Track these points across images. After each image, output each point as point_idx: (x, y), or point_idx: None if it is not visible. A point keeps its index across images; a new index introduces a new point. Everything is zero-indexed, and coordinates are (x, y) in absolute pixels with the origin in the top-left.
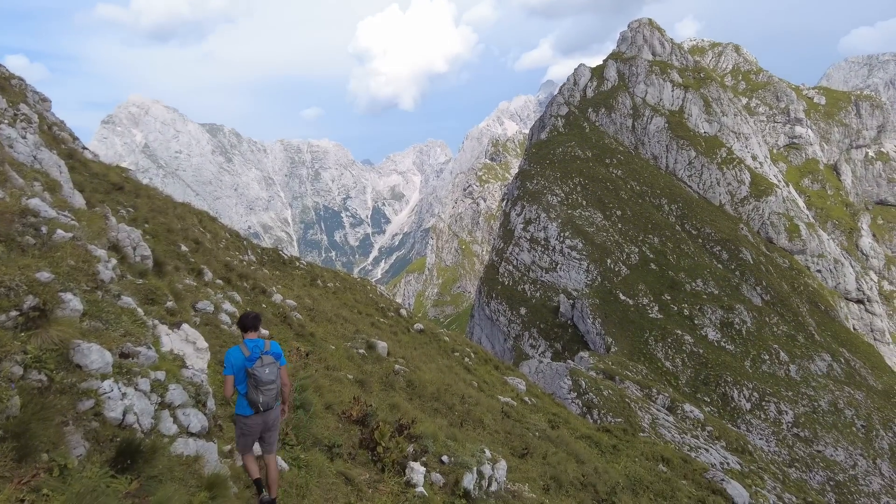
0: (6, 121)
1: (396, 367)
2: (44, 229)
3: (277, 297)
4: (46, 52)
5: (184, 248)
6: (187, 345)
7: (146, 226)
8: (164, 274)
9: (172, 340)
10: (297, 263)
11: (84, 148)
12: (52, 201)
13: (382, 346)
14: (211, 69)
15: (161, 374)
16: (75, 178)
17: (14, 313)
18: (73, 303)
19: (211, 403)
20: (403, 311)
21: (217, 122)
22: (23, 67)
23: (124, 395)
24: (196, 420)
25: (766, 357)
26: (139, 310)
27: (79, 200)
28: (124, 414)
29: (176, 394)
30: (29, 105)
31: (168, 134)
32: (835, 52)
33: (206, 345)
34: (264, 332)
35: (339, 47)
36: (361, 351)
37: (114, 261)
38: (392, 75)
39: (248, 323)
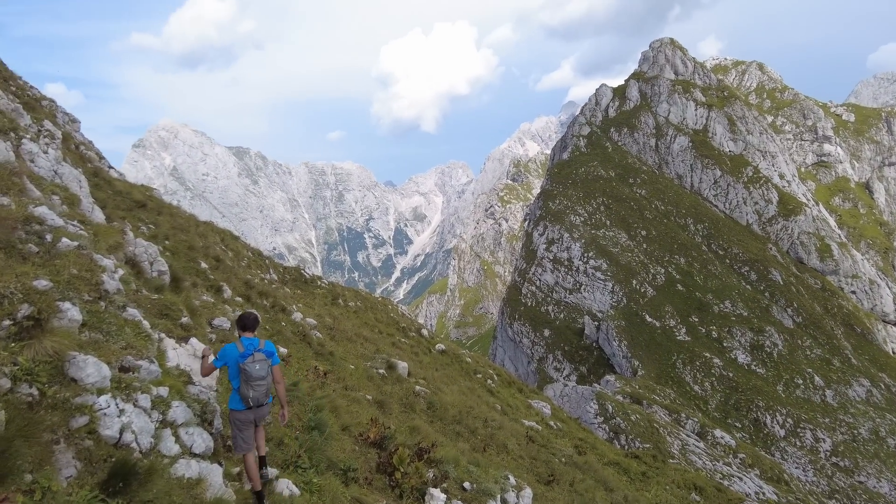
0: (28, 136)
1: (417, 388)
2: (48, 237)
3: (297, 316)
4: (83, 79)
5: (204, 265)
6: (195, 360)
7: (166, 242)
8: (181, 290)
9: (179, 355)
10: (319, 282)
11: (110, 167)
12: (67, 213)
13: (403, 366)
14: (238, 93)
15: (164, 391)
16: (99, 195)
17: (7, 322)
18: (72, 312)
19: (218, 423)
20: (425, 331)
21: (243, 145)
22: (61, 94)
23: (122, 411)
24: (200, 440)
25: (800, 381)
26: (145, 322)
27: (98, 215)
28: (121, 432)
29: (179, 411)
30: (56, 124)
31: (196, 157)
32: (863, 69)
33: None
34: (283, 349)
35: (363, 71)
36: (381, 371)
37: (121, 271)
38: (414, 98)
39: (246, 322)
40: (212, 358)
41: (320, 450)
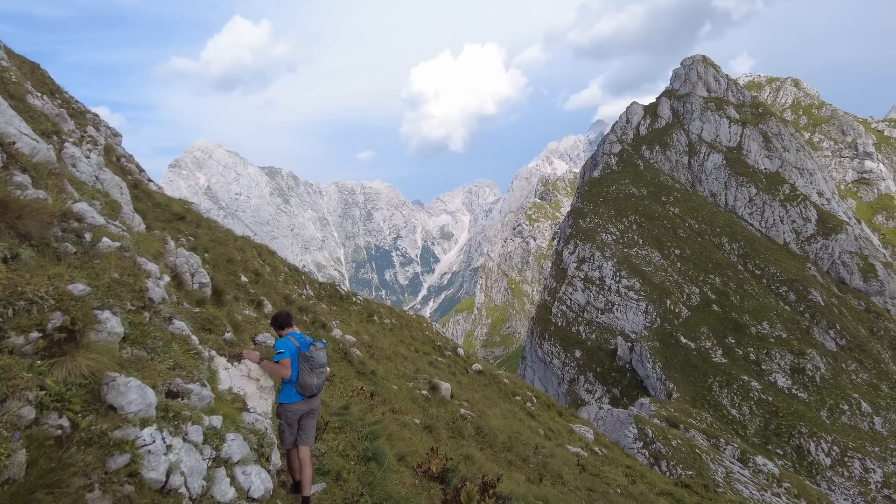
0: (71, 140)
1: (462, 411)
2: (87, 236)
3: (337, 333)
4: (125, 102)
5: (244, 278)
6: (249, 382)
7: (206, 255)
8: (222, 303)
9: (232, 376)
10: (354, 299)
11: (149, 180)
12: (108, 216)
13: (446, 387)
14: (271, 114)
15: (217, 420)
16: (138, 206)
17: (35, 335)
18: (112, 323)
19: (276, 457)
20: (460, 351)
21: (276, 166)
22: (104, 117)
23: (169, 447)
24: (259, 481)
25: (846, 407)
26: (194, 337)
27: (139, 223)
28: (168, 474)
29: (235, 446)
30: (99, 131)
31: (229, 177)
32: None
33: (270, 383)
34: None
35: (393, 92)
36: (424, 392)
37: (166, 277)
38: (443, 118)
39: (282, 321)
40: (264, 342)
41: (380, 485)
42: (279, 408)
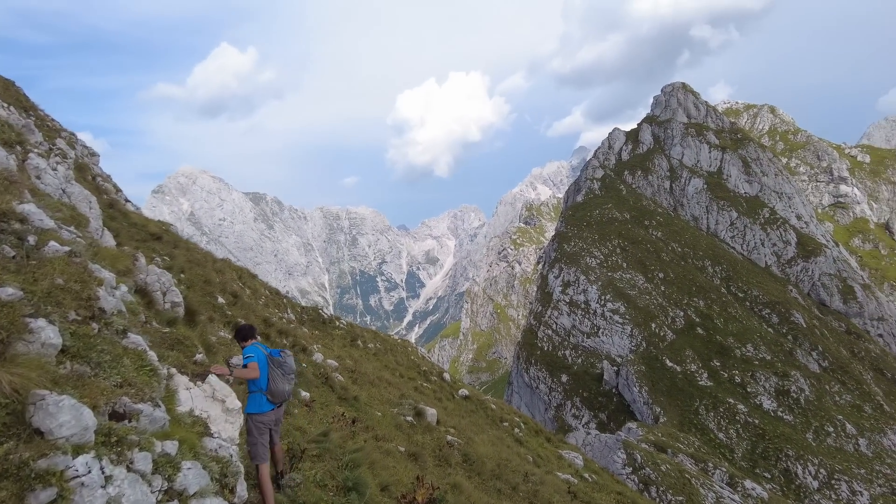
0: (36, 150)
1: (449, 438)
2: (31, 239)
3: (318, 357)
4: (109, 127)
5: (221, 300)
6: (214, 403)
7: (182, 276)
8: (196, 324)
9: (194, 397)
10: (337, 323)
11: (127, 201)
12: (66, 223)
13: (432, 413)
14: (257, 140)
15: (171, 446)
16: (112, 224)
17: None
18: (47, 333)
19: (242, 489)
20: (446, 376)
21: (260, 191)
22: (88, 142)
23: (109, 478)
24: None
25: (831, 429)
26: (151, 353)
27: (109, 240)
28: None
29: (191, 475)
30: (74, 148)
31: (213, 202)
32: (872, 112)
33: (238, 405)
34: (304, 394)
35: (378, 119)
36: (410, 418)
37: (124, 287)
38: (428, 144)
39: (246, 332)
40: (239, 363)
41: None
42: (248, 419)
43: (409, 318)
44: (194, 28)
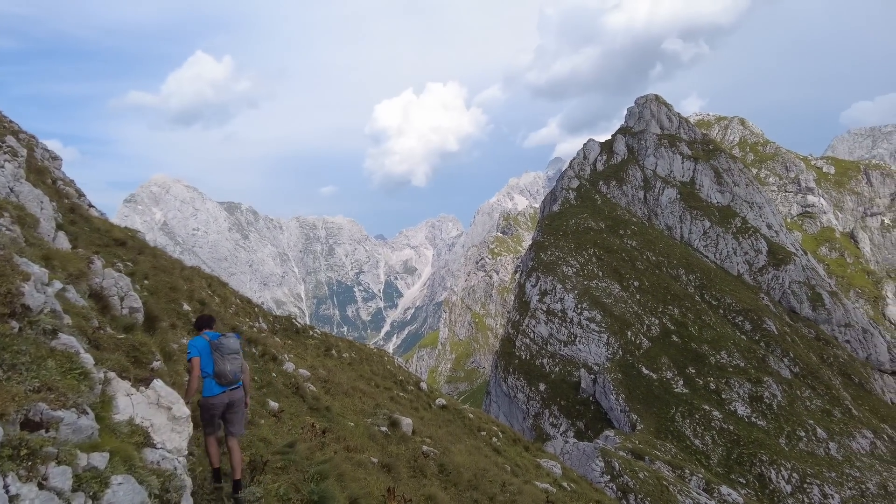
0: None
1: (424, 448)
2: None
3: (289, 366)
4: (79, 135)
5: (187, 307)
6: (159, 411)
7: (146, 282)
8: (156, 330)
9: (135, 404)
10: (311, 332)
11: (91, 206)
12: (21, 236)
13: (407, 422)
14: (232, 149)
15: (100, 458)
16: (72, 229)
17: None
18: None
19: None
20: (423, 385)
21: (235, 200)
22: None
23: (15, 497)
24: None
25: (803, 434)
26: (84, 355)
27: (63, 243)
28: None
29: (122, 492)
30: (33, 151)
31: (187, 212)
32: (836, 125)
33: (186, 412)
34: (274, 404)
35: (356, 128)
36: (384, 429)
37: (57, 283)
38: (405, 154)
39: (203, 322)
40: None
41: None
42: (202, 403)
43: (386, 328)
44: (169, 36)
